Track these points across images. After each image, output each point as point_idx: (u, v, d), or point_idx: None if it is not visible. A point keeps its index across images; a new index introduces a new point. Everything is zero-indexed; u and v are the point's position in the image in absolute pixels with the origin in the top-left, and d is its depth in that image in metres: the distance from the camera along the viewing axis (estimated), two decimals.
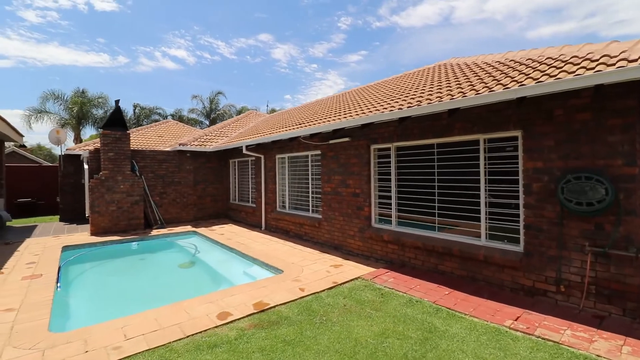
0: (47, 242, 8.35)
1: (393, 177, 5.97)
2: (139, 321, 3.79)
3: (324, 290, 4.67)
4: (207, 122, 33.80)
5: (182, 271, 7.10)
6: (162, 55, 52.61)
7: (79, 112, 27.31)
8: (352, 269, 5.66)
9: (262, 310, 4.03)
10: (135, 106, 32.67)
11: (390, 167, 6.02)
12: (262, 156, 9.68)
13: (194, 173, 11.66)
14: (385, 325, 3.57)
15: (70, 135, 26.43)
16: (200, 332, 3.51)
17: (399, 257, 5.75)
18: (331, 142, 7.10)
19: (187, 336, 3.41)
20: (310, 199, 8.10)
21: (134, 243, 8.88)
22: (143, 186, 10.24)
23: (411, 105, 5.01)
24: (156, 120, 31.92)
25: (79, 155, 11.62)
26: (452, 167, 5.14)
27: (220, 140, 12.06)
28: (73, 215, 12.33)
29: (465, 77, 5.45)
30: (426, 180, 5.46)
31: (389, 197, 6.05)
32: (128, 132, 9.90)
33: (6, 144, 14.63)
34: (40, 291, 4.83)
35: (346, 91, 10.23)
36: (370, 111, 5.97)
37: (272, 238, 8.50)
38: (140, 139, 13.36)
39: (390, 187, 6.02)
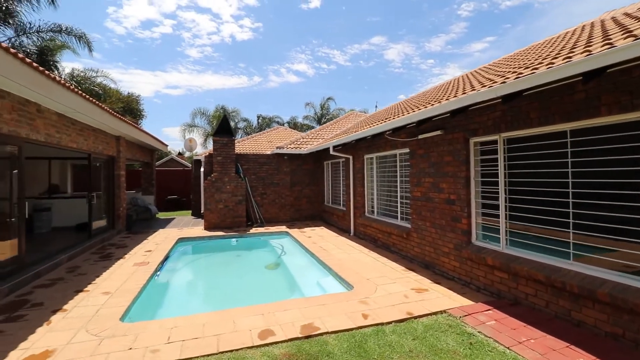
0: (170, 233, 9.86)
1: (501, 179, 4.40)
2: (187, 324, 3.70)
3: (391, 323, 3.68)
4: (318, 127, 35.48)
5: (267, 272, 7.13)
6: (286, 71, 58.99)
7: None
8: (439, 298, 4.40)
9: (308, 337, 3.38)
10: (258, 116, 37.10)
11: (497, 166, 4.47)
12: (351, 157, 9.06)
13: (291, 175, 11.99)
14: None
15: (210, 143, 31.82)
16: (233, 350, 3.12)
17: (509, 291, 4.16)
18: (420, 137, 5.88)
19: (218, 352, 3.08)
20: (399, 204, 7.01)
21: (233, 239, 9.60)
22: (246, 187, 11.08)
23: (520, 75, 3.45)
24: (276, 127, 35.65)
25: None
26: (594, 164, 3.34)
27: (315, 142, 12.06)
28: (199, 211, 14.49)
29: (623, 28, 3.45)
30: (553, 185, 3.75)
31: (496, 207, 4.49)
32: (233, 138, 10.89)
33: (170, 149, 18.52)
34: (138, 279, 5.47)
35: (457, 76, 8.56)
36: (465, 93, 4.56)
37: (357, 246, 7.75)
38: (253, 144, 14.64)
39: (497, 192, 4.46)
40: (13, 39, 12.95)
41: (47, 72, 4.98)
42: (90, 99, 6.75)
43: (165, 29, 56.11)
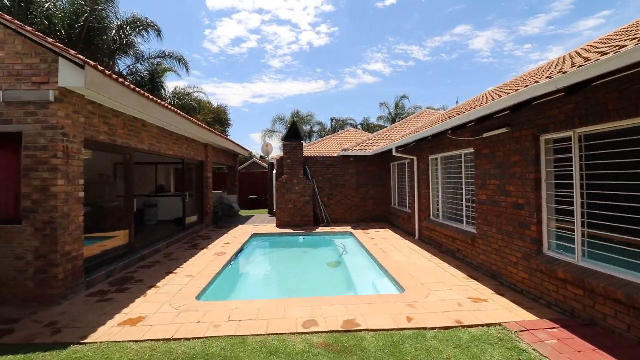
0: (247, 229, 10.99)
1: (576, 181, 3.84)
2: (246, 307, 4.22)
3: (434, 328, 3.58)
4: (387, 127, 34.76)
5: (327, 269, 7.46)
6: (362, 71, 59.22)
7: None
8: (497, 310, 4.06)
9: (347, 331, 3.54)
10: (332, 119, 38.05)
11: (571, 166, 3.92)
12: (415, 158, 8.78)
13: (357, 176, 12.13)
14: None
15: None
16: (277, 333, 3.48)
17: (585, 309, 3.62)
18: (485, 135, 5.45)
19: (266, 334, 3.47)
20: (464, 208, 6.57)
21: (300, 237, 10.21)
22: (313, 188, 11.64)
23: (601, 54, 2.98)
24: (349, 128, 36.10)
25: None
26: None
27: (381, 143, 11.96)
28: (273, 210, 15.69)
29: None
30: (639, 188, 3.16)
31: (571, 213, 3.93)
32: (301, 142, 11.57)
33: (255, 153, 20.56)
34: (215, 266, 6.34)
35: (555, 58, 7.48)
36: (528, 86, 4.09)
37: (419, 250, 7.51)
38: (323, 146, 15.23)
39: (572, 196, 3.91)
40: (131, 66, 16.08)
41: (147, 94, 6.19)
42: (182, 114, 8.05)
43: (251, 43, 61.73)
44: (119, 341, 3.35)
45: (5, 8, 10.95)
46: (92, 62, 4.48)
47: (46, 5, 11.63)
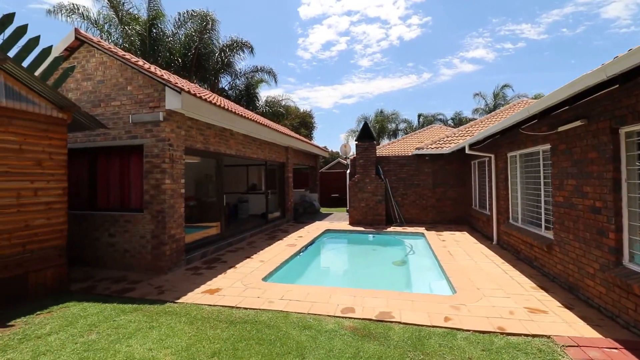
0: (322, 225, 11.77)
1: None
2: (298, 290, 4.84)
3: (469, 331, 3.52)
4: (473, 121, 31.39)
5: (391, 267, 7.60)
6: (460, 60, 54.66)
7: (379, 128, 34.64)
8: (554, 323, 3.69)
9: (379, 320, 3.79)
10: (419, 116, 36.38)
11: None
12: (492, 155, 8.08)
13: (433, 176, 11.65)
14: None
15: None
16: (317, 314, 3.96)
17: None
18: (560, 129, 4.83)
19: (307, 313, 3.99)
20: (542, 211, 5.86)
21: (370, 235, 10.45)
22: (385, 187, 11.70)
23: None
24: (438, 125, 33.98)
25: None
26: None
27: (461, 140, 11.21)
28: None
29: None
30: None
31: None
32: (374, 142, 11.74)
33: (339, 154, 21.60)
34: (285, 254, 7.20)
35: None
36: None
37: (492, 256, 6.96)
38: (402, 145, 14.96)
39: None
40: (231, 82, 18.76)
41: (231, 109, 7.43)
42: (262, 122, 9.25)
43: (340, 46, 63.45)
44: (199, 304, 4.35)
45: (140, 47, 14.29)
46: (186, 88, 5.77)
47: (167, 40, 14.74)
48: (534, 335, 3.39)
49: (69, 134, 6.02)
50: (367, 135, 11.82)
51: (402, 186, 11.98)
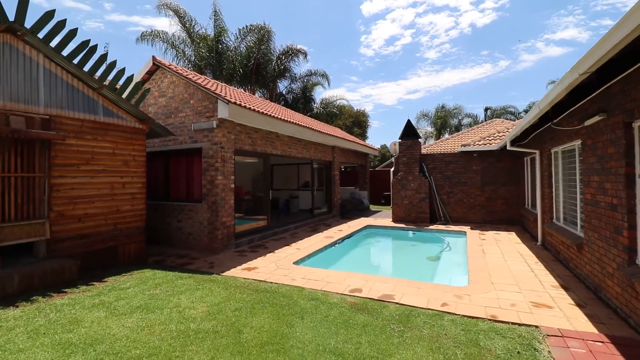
0: (365, 221, 12.22)
1: None
2: (319, 273, 5.53)
3: (459, 315, 3.81)
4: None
5: (424, 261, 7.82)
6: (545, 44, 48.92)
7: (441, 124, 33.23)
8: (552, 317, 3.75)
9: (379, 300, 4.28)
10: (486, 109, 33.81)
11: None
12: (537, 152, 7.66)
13: (482, 174, 11.21)
14: None
15: (426, 143, 32.67)
16: (327, 291, 4.61)
17: None
18: (586, 124, 4.65)
19: (321, 289, 4.66)
20: (578, 210, 5.57)
21: (410, 232, 10.59)
22: (429, 185, 11.64)
23: None
24: (508, 119, 31.16)
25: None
26: None
27: None
28: None
29: None
30: None
31: None
32: (418, 140, 11.75)
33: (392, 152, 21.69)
34: (320, 244, 7.93)
35: None
36: None
37: (528, 256, 6.73)
38: (457, 141, 14.50)
39: None
40: (288, 86, 20.17)
41: (275, 114, 8.42)
42: (305, 124, 10.11)
43: (405, 40, 61.56)
44: (236, 276, 5.34)
45: (208, 62, 16.39)
46: (232, 100, 6.88)
47: (230, 54, 16.66)
48: (521, 324, 3.55)
49: (148, 140, 7.62)
50: (410, 133, 11.89)
51: (448, 184, 11.76)
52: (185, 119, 7.58)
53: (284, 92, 20.86)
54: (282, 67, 18.67)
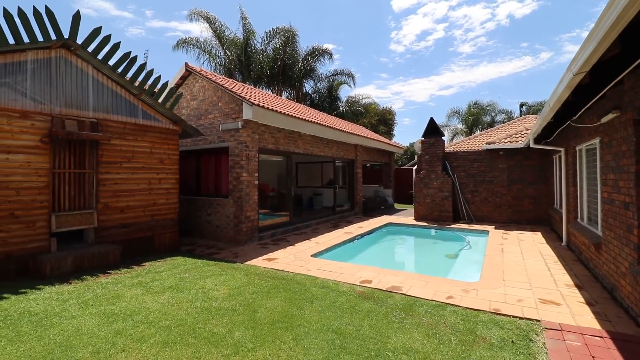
0: (386, 219, 12.33)
1: None
2: (334, 265, 5.85)
3: (460, 307, 3.97)
4: None
5: (442, 258, 7.90)
6: None
7: (473, 121, 32.15)
8: (556, 313, 3.80)
9: (386, 290, 4.52)
10: (522, 105, 32.23)
11: None
12: (562, 149, 7.44)
13: (508, 172, 10.93)
14: None
15: (454, 140, 31.72)
16: (339, 281, 4.91)
17: None
18: (603, 120, 4.57)
19: (332, 279, 4.98)
20: (599, 209, 5.43)
21: (433, 230, 10.59)
22: (452, 184, 11.52)
23: None
24: None
25: None
26: None
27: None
28: None
29: None
30: None
31: None
32: (441, 138, 11.66)
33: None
34: (338, 239, 8.24)
35: None
36: None
37: (549, 256, 6.62)
38: (485, 138, 14.12)
39: None
40: (314, 86, 20.56)
41: (297, 114, 8.81)
42: (327, 124, 10.43)
43: (437, 34, 59.59)
44: (257, 265, 5.80)
45: (237, 65, 17.18)
46: (256, 102, 7.36)
47: (258, 57, 17.36)
48: (522, 318, 3.66)
49: (180, 140, 8.32)
50: (433, 130, 11.83)
51: (472, 183, 11.57)
52: (214, 120, 8.18)
53: (310, 92, 21.30)
54: (308, 67, 19.12)
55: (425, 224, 11.10)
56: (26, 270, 4.99)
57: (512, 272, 5.46)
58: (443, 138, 11.80)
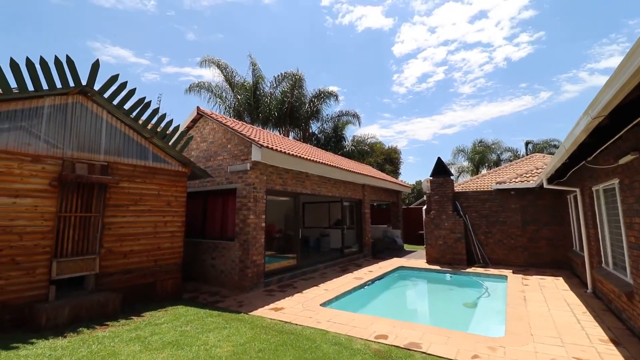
0: (397, 262, 11.86)
1: None
2: (345, 316, 5.47)
3: None
4: None
5: (460, 308, 7.39)
6: (588, 73, 47.36)
7: (479, 159, 32.26)
8: None
9: (405, 348, 4.14)
10: (527, 143, 32.43)
11: None
12: (578, 190, 7.24)
13: (521, 212, 10.62)
14: None
15: (461, 179, 31.55)
16: (351, 336, 4.54)
17: None
18: (621, 162, 4.44)
19: (344, 334, 4.61)
20: (625, 254, 5.11)
21: (448, 275, 10.08)
22: (464, 225, 11.18)
23: None
24: (551, 154, 29.58)
25: None
26: None
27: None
28: None
29: None
30: None
31: None
32: (449, 177, 11.55)
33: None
34: (348, 286, 7.83)
35: None
36: None
37: (576, 305, 6.14)
38: (495, 178, 13.94)
39: None
40: (320, 127, 21.09)
41: (304, 155, 8.87)
42: (334, 164, 10.46)
43: (438, 76, 61.92)
44: (263, 316, 5.43)
45: (246, 107, 17.82)
46: (265, 144, 7.43)
47: (266, 99, 18.08)
48: None
49: (188, 182, 8.32)
50: (441, 170, 11.75)
51: (485, 223, 11.22)
52: (223, 162, 8.23)
53: (316, 132, 21.79)
54: (315, 108, 19.77)
55: (438, 267, 10.61)
56: (21, 320, 4.71)
57: (540, 324, 5.02)
58: (452, 177, 11.69)
